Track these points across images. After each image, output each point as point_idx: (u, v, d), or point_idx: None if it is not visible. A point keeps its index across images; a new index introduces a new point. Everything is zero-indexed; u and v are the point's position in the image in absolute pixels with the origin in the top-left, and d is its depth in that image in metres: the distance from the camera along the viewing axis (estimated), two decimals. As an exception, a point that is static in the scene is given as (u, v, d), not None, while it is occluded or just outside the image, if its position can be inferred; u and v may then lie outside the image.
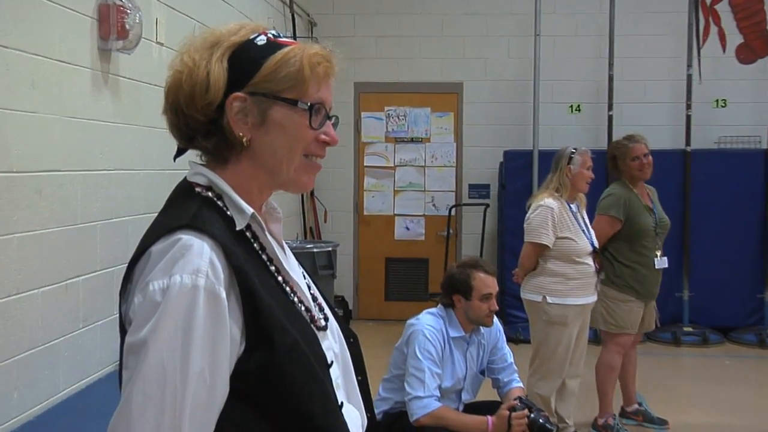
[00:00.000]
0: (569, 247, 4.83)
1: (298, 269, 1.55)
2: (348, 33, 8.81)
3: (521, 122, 8.83)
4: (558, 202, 4.89)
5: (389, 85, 8.98)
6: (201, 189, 1.43)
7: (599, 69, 8.69)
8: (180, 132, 1.45)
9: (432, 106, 9.01)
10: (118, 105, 4.07)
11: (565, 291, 4.84)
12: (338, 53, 1.47)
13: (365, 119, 9.04)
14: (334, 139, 1.48)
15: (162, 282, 1.27)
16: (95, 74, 3.82)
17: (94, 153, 3.83)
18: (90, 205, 3.78)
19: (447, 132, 9.03)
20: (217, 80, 1.39)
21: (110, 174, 3.98)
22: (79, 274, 3.70)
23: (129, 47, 3.96)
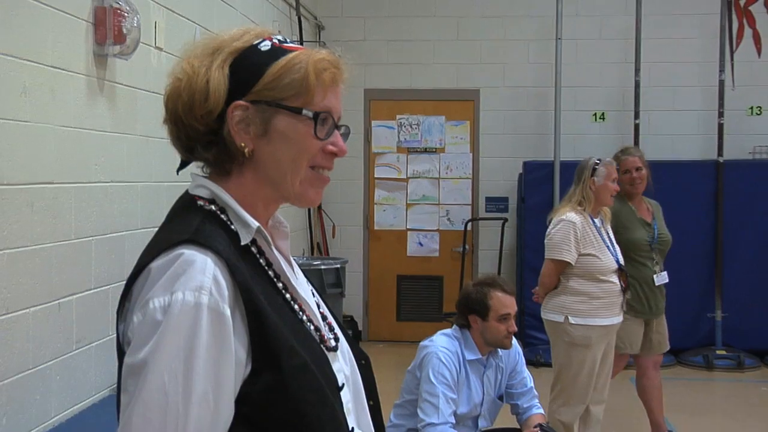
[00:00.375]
0: (593, 265, 4.84)
1: (306, 286, 1.56)
2: (358, 37, 8.85)
3: (542, 131, 8.83)
4: (581, 217, 4.91)
5: (401, 92, 9.00)
6: (203, 202, 1.43)
7: (625, 74, 8.69)
8: (180, 142, 1.46)
9: (447, 115, 9.02)
10: (115, 113, 4.09)
11: (589, 311, 4.84)
12: (347, 58, 1.48)
13: (376, 128, 9.05)
14: (343, 149, 1.48)
15: (163, 300, 1.28)
16: (90, 81, 3.84)
17: (89, 164, 3.85)
18: (84, 219, 3.79)
19: (463, 142, 9.03)
20: (216, 88, 1.39)
21: (106, 186, 4.00)
22: (72, 293, 3.70)
23: (126, 52, 3.98)
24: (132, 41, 3.97)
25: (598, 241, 4.89)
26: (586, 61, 8.80)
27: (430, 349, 3.99)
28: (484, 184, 8.99)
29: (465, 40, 8.93)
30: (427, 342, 4.07)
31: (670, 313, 5.76)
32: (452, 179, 9.01)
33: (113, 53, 3.93)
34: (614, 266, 4.88)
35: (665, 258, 5.51)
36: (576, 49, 8.75)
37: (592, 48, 8.81)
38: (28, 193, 3.37)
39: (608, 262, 4.87)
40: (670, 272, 5.56)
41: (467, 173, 9.02)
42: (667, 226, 5.54)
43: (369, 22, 8.98)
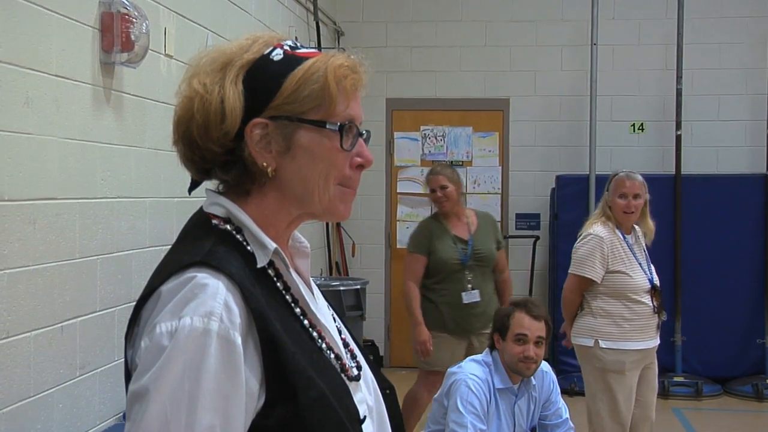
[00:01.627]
0: (622, 283, 4.83)
1: (327, 311, 1.55)
2: (379, 43, 8.86)
3: (576, 143, 8.80)
4: (609, 231, 4.91)
5: (425, 102, 9.00)
6: (218, 221, 1.43)
7: (666, 82, 8.65)
8: (194, 165, 1.46)
9: (474, 126, 9.01)
10: (122, 125, 4.10)
11: (621, 334, 4.79)
12: (366, 61, 1.48)
13: (398, 140, 9.05)
14: (369, 159, 1.49)
15: (170, 324, 1.28)
16: (96, 90, 3.86)
17: (95, 179, 3.86)
18: (89, 237, 3.80)
19: (491, 155, 9.02)
20: (233, 107, 1.39)
21: (112, 202, 4.01)
22: (76, 315, 3.71)
23: (134, 60, 4.00)
24: (140, 48, 3.99)
25: (629, 258, 4.86)
26: (623, 68, 8.77)
27: (458, 376, 3.98)
28: (514, 200, 8.96)
29: (493, 45, 8.93)
30: (455, 368, 4.06)
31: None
32: (480, 194, 8.99)
33: (121, 61, 3.95)
34: (647, 286, 4.85)
35: (490, 272, 5.85)
36: (613, 55, 8.73)
37: (630, 54, 8.78)
38: (30, 209, 3.38)
39: (640, 281, 4.84)
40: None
41: (496, 188, 9.00)
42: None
43: (391, 27, 9.00)
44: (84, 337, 3.77)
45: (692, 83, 8.58)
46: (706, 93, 8.68)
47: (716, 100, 8.72)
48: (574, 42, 8.81)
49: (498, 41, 8.92)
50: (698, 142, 8.63)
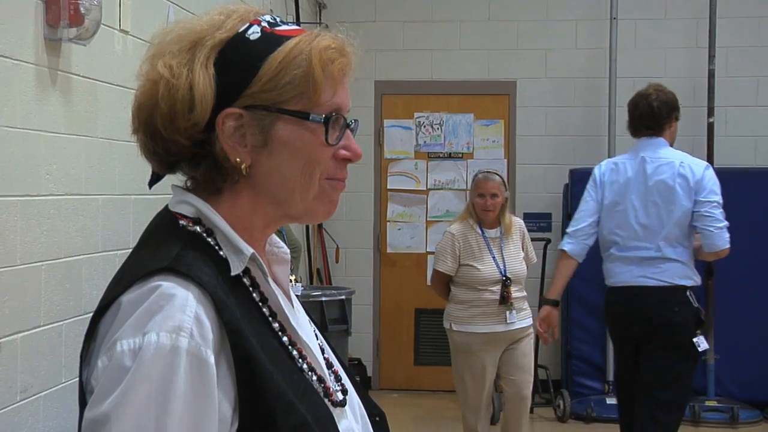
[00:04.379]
0: (471, 275, 6.06)
1: (308, 326, 1.56)
2: (366, 17, 8.87)
3: (593, 132, 8.82)
4: (467, 228, 6.17)
5: (420, 85, 9.01)
6: (187, 222, 1.43)
7: (696, 62, 8.68)
8: (158, 157, 1.46)
9: (476, 112, 9.03)
10: (70, 111, 4.10)
11: (468, 318, 6.05)
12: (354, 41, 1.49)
13: (389, 129, 9.07)
14: (357, 153, 1.50)
15: (133, 341, 1.28)
16: (40, 71, 3.85)
17: (39, 173, 3.86)
18: (32, 240, 3.80)
19: (495, 145, 9.03)
20: (203, 94, 1.40)
21: (59, 200, 4.01)
22: (16, 331, 3.70)
23: (84, 36, 3.99)
24: (91, 23, 3.98)
25: (482, 252, 6.10)
26: (647, 46, 8.80)
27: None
28: (521, 198, 8.98)
29: (498, 20, 8.94)
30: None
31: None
32: (483, 191, 9.00)
33: (68, 37, 3.94)
34: (496, 277, 6.05)
35: None
36: (635, 30, 8.75)
37: (655, 29, 8.81)
38: (-35, 208, 3.37)
39: (488, 273, 6.05)
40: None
41: (501, 184, 9.02)
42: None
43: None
44: (26, 356, 3.76)
45: (726, 63, 8.61)
46: (743, 74, 8.71)
47: (754, 83, 8.76)
48: (590, 16, 8.83)
49: (503, 15, 8.93)
50: (733, 131, 8.66)
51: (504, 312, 6.04)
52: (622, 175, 5.51)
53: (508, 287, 6.07)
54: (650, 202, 5.35)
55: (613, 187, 5.50)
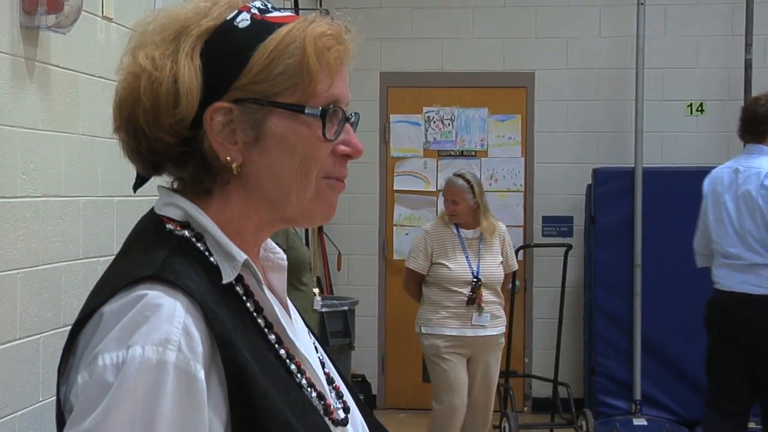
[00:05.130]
0: (442, 274, 6.44)
1: (307, 339, 1.56)
2: (371, 3, 8.87)
3: (618, 128, 8.82)
4: (442, 226, 6.58)
5: (429, 77, 9.01)
6: (174, 226, 1.44)
7: (731, 51, 8.68)
8: (141, 157, 1.47)
9: (491, 107, 9.03)
10: (49, 105, 4.11)
11: (438, 320, 6.42)
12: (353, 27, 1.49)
13: (396, 125, 9.07)
14: (358, 149, 1.50)
15: (116, 356, 1.28)
16: (16, 62, 3.86)
17: (15, 173, 3.86)
18: (8, 246, 3.80)
19: (511, 143, 9.03)
20: (189, 87, 1.40)
21: (36, 202, 4.01)
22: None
23: (64, 24, 4.00)
24: (72, 9, 3.98)
25: (455, 252, 6.46)
26: (677, 34, 8.80)
27: None
28: (540, 199, 8.98)
29: (515, 6, 8.95)
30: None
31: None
32: (498, 192, 9.00)
33: (47, 25, 3.95)
34: (467, 278, 6.41)
35: None
36: (664, 17, 8.75)
37: (686, 16, 8.81)
38: (-66, 211, 3.37)
39: (459, 273, 6.41)
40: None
41: (518, 185, 9.02)
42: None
43: (386, -18, 9.02)
44: (0, 372, 3.77)
45: (765, 52, 8.61)
46: (782, 65, 8.71)
47: (794, 75, 8.75)
48: (615, 1, 8.83)
49: (520, 0, 8.94)
50: (771, 127, 8.65)
51: (471, 314, 6.40)
52: (720, 183, 5.89)
53: (478, 289, 6.41)
54: (741, 211, 5.75)
55: (713, 194, 5.90)
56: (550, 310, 8.76)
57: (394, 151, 9.08)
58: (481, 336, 6.46)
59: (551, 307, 8.78)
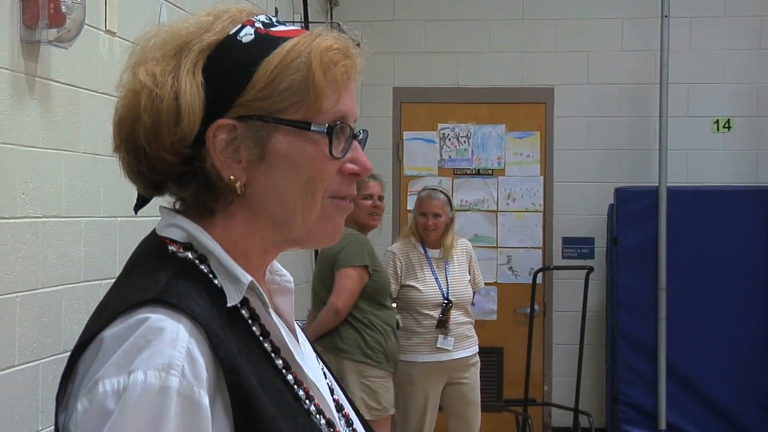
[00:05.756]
0: (413, 296, 6.54)
1: (315, 364, 1.57)
2: (383, 16, 8.89)
3: (641, 146, 8.81)
4: (408, 246, 6.71)
5: (444, 92, 9.02)
6: (177, 247, 1.45)
7: (760, 65, 8.68)
8: (142, 177, 1.47)
9: (508, 123, 9.03)
10: (50, 122, 4.12)
11: (410, 347, 6.46)
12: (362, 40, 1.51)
13: (409, 142, 9.07)
14: (366, 167, 1.51)
15: (117, 381, 1.28)
16: (16, 77, 3.88)
17: (14, 192, 3.88)
18: (6, 268, 3.81)
19: (530, 161, 9.03)
20: (190, 104, 1.41)
21: (36, 223, 4.03)
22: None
23: (66, 39, 4.02)
24: (74, 23, 4.00)
25: (423, 272, 6.58)
26: (704, 47, 8.79)
27: None
28: (560, 220, 8.97)
29: (534, 18, 8.95)
30: None
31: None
32: (516, 213, 9.00)
33: (48, 39, 3.96)
34: (438, 299, 6.52)
35: None
36: (690, 29, 8.74)
37: (712, 28, 8.80)
38: (-70, 232, 3.39)
39: (429, 295, 6.53)
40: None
41: (536, 204, 9.01)
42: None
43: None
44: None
45: (794, 67, 8.60)
46: (814, 80, 8.70)
47: (826, 90, 8.74)
48: (638, 13, 8.83)
49: (539, 12, 8.94)
50: (803, 145, 8.65)
51: (437, 336, 6.49)
52: None
53: (448, 311, 6.51)
54: None
55: None
56: (570, 336, 8.74)
57: (407, 170, 9.08)
58: (455, 359, 6.54)
59: (572, 332, 8.76)
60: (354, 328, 6.15)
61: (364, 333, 6.12)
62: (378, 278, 6.21)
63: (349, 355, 6.09)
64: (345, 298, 6.07)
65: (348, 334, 6.11)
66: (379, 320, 6.18)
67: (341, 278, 6.13)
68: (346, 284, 6.11)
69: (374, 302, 6.20)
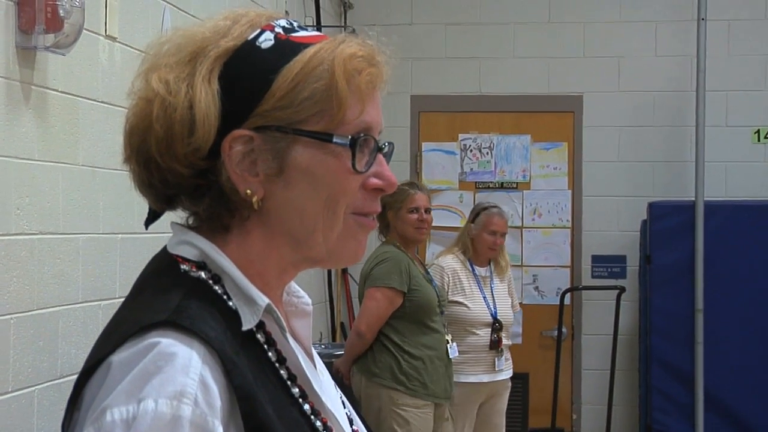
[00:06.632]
0: (461, 314, 6.65)
1: (334, 392, 1.57)
2: (401, 19, 8.90)
3: (676, 157, 8.80)
4: (458, 263, 6.80)
5: (465, 100, 9.02)
6: (189, 266, 1.45)
7: (801, 72, 8.65)
8: (153, 191, 1.48)
9: (534, 134, 9.03)
10: (46, 133, 4.13)
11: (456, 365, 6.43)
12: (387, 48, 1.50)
13: (428, 153, 9.08)
14: (391, 181, 1.51)
15: (126, 410, 1.29)
16: (11, 85, 3.89)
17: (9, 207, 3.89)
18: (1, 288, 3.82)
19: (557, 173, 9.03)
20: (205, 114, 1.41)
21: (32, 240, 4.04)
22: (-19, 398, 3.73)
23: (64, 44, 4.03)
24: (72, 28, 4.02)
25: (472, 290, 6.71)
26: (743, 52, 8.78)
27: None
28: (589, 237, 8.96)
29: (561, 22, 8.96)
30: None
31: None
32: (542, 229, 8.99)
33: (45, 45, 3.98)
34: (487, 319, 6.66)
35: None
36: (728, 33, 8.74)
37: (752, 32, 8.79)
38: None
39: (479, 313, 6.66)
40: None
41: (564, 220, 9.00)
42: None
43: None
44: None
45: (839, 73, 8.59)
46: None
47: None
48: (673, 16, 8.83)
49: (567, 16, 8.95)
50: None
51: (493, 358, 6.66)
52: None
53: (498, 331, 6.69)
54: None
55: None
56: (600, 360, 8.71)
57: (426, 184, 9.06)
58: (496, 381, 6.72)
59: (602, 356, 8.73)
60: (388, 351, 6.12)
61: (400, 357, 6.09)
62: (417, 298, 6.19)
63: (381, 380, 6.07)
64: (368, 320, 6.09)
65: (382, 358, 6.10)
66: (421, 345, 6.16)
67: (366, 299, 6.19)
68: (370, 305, 6.15)
69: (416, 324, 6.18)
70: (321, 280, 8.56)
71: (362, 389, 6.13)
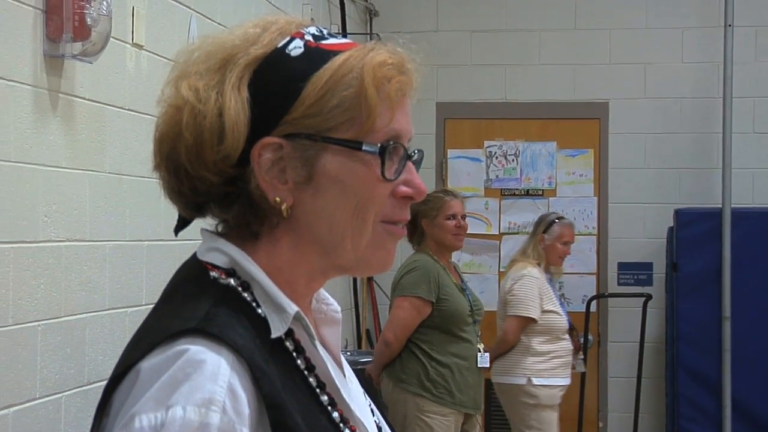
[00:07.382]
0: (554, 322, 6.96)
1: (363, 400, 1.56)
2: (427, 26, 8.90)
3: (703, 164, 8.77)
4: (540, 273, 7.05)
5: (491, 107, 9.01)
6: (219, 273, 1.45)
7: (829, 79, 8.61)
8: (183, 197, 1.48)
9: (559, 140, 9.01)
10: (74, 140, 4.14)
11: (551, 370, 6.90)
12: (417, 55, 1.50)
13: (454, 161, 9.07)
14: (421, 190, 1.50)
15: (154, 416, 1.29)
16: (39, 93, 3.90)
17: (36, 215, 3.90)
18: (27, 295, 3.83)
19: (583, 180, 9.01)
20: (235, 121, 1.41)
21: (59, 247, 4.05)
22: (8, 405, 3.73)
23: (91, 52, 4.04)
24: (99, 37, 4.03)
25: (555, 299, 7.04)
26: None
27: None
28: (615, 244, 8.93)
29: (587, 28, 8.94)
30: None
31: None
32: (568, 236, 8.97)
33: (72, 53, 3.99)
34: (566, 326, 7.04)
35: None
36: (756, 39, 8.71)
37: (778, 39, 8.76)
38: (-52, 257, 3.41)
39: (564, 320, 7.01)
40: None
41: (590, 227, 8.98)
42: None
43: (443, 4, 9.05)
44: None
45: None
46: None
47: None
48: (700, 22, 8.80)
49: (592, 22, 8.93)
50: None
51: (578, 360, 7.30)
52: None
53: (574, 335, 7.23)
54: None
55: None
56: (627, 368, 8.68)
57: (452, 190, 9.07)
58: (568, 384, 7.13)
59: (629, 364, 8.71)
60: (417, 358, 6.15)
61: (427, 364, 6.12)
62: (446, 307, 6.22)
63: (407, 386, 6.10)
64: (395, 329, 6.15)
65: (409, 364, 6.14)
66: (450, 353, 6.20)
67: (394, 308, 6.26)
68: (398, 314, 6.22)
69: (446, 333, 6.23)
70: (347, 287, 8.56)
71: (389, 395, 6.16)
